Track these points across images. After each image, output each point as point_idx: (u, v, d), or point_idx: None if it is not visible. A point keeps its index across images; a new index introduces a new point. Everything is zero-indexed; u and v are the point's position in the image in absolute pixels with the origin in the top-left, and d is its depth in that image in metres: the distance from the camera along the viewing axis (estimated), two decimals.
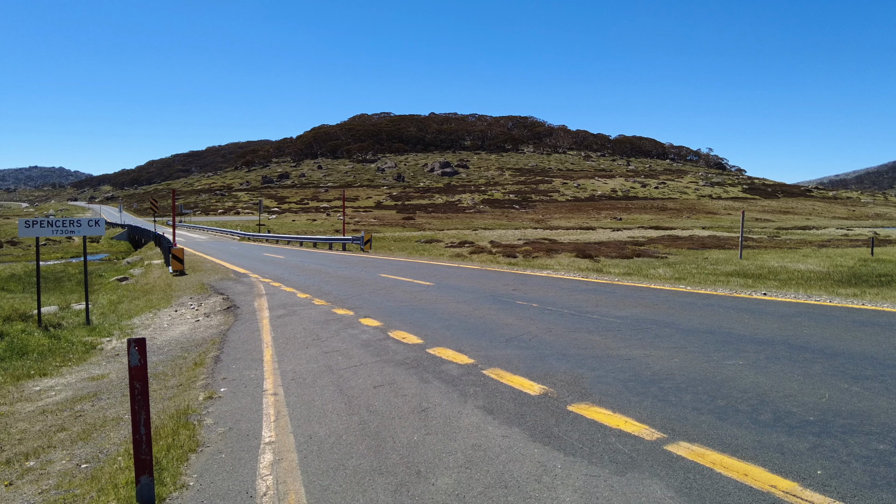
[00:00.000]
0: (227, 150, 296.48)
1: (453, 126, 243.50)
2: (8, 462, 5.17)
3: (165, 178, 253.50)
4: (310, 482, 4.17)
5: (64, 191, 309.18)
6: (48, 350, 10.49)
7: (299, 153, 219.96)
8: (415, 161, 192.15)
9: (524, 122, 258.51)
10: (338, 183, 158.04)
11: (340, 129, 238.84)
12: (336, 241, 35.55)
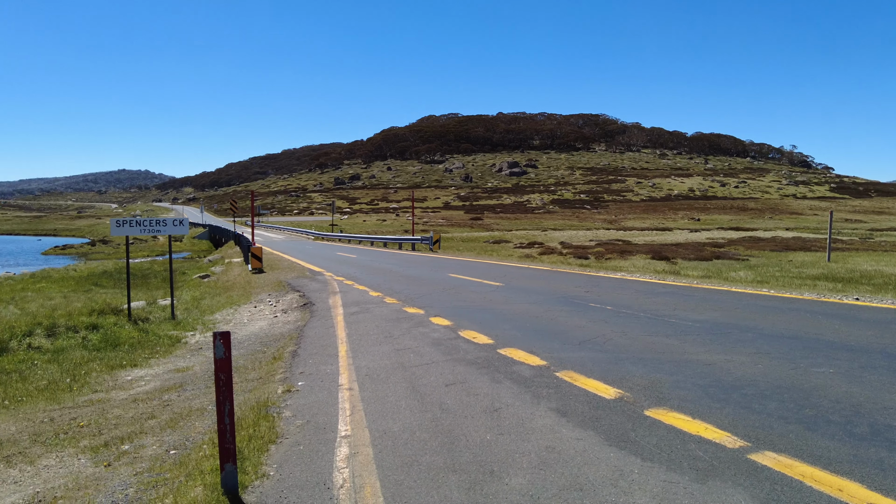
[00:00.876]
0: (301, 153, 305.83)
1: (521, 125, 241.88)
2: (106, 445, 5.52)
3: (243, 179, 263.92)
4: (385, 476, 4.25)
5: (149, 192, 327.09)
6: (138, 342, 11.12)
7: (369, 155, 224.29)
8: (482, 161, 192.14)
9: (595, 120, 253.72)
10: (406, 184, 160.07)
11: (409, 130, 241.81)
12: (405, 241, 36.02)
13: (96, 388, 8.02)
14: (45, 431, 6.11)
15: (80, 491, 4.54)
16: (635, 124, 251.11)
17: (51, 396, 7.72)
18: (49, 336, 11.63)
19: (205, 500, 4.04)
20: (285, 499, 4.02)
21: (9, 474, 5.02)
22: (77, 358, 9.94)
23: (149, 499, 4.26)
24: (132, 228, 13.82)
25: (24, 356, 10.21)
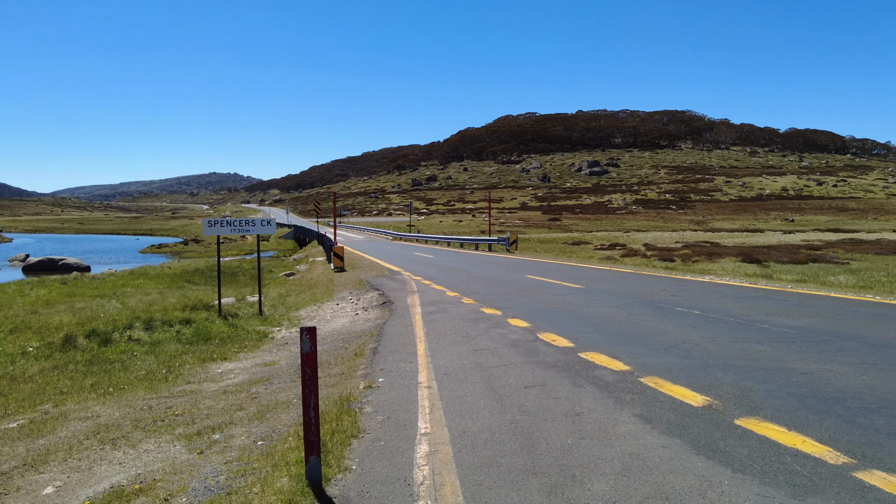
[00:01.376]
0: (380, 155, 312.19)
1: (602, 123, 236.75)
2: (199, 433, 5.82)
3: (326, 182, 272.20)
4: (464, 475, 4.24)
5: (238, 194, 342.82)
6: (227, 337, 11.66)
7: (446, 156, 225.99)
8: (561, 161, 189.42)
9: (681, 117, 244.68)
10: (482, 184, 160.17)
11: (485, 131, 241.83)
12: (481, 241, 36.02)
13: (189, 380, 8.46)
14: (145, 418, 6.50)
15: (176, 475, 4.79)
16: (724, 121, 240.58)
17: (149, 386, 8.21)
18: (147, 329, 12.38)
19: (290, 490, 4.18)
20: (367, 493, 4.09)
21: (114, 455, 5.37)
22: (172, 350, 10.53)
23: (238, 487, 4.45)
24: (223, 228, 14.50)
25: (125, 347, 10.93)
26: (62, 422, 6.58)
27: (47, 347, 11.17)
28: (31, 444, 5.85)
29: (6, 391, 8.34)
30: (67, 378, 8.92)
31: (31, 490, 4.73)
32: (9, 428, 6.50)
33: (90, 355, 10.41)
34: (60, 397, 7.83)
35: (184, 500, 4.31)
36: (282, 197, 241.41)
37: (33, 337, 12.31)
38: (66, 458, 5.39)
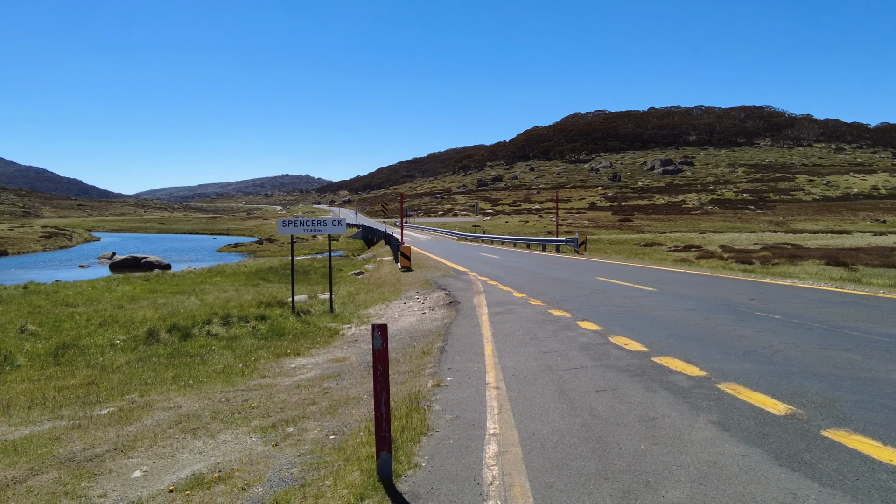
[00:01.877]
0: (445, 156, 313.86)
1: (675, 120, 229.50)
2: (273, 426, 6.00)
3: (392, 183, 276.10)
4: (534, 477, 4.20)
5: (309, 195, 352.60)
6: (300, 333, 11.99)
7: (512, 156, 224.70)
8: (632, 159, 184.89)
9: (759, 113, 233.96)
10: (549, 184, 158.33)
11: (552, 129, 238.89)
12: (549, 242, 35.61)
13: (264, 374, 8.75)
14: (223, 410, 6.76)
15: (252, 466, 4.96)
16: (806, 116, 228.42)
17: (226, 379, 8.55)
18: (224, 325, 12.89)
19: (361, 484, 4.25)
20: (436, 490, 4.11)
21: (195, 445, 5.62)
22: (248, 345, 10.93)
23: (311, 479, 4.56)
24: (296, 228, 14.94)
25: (203, 342, 11.42)
26: (147, 411, 6.94)
27: (132, 340, 11.81)
28: (120, 431, 6.19)
29: (97, 380, 8.87)
30: (151, 370, 9.40)
31: (122, 473, 5.01)
32: (100, 414, 6.91)
33: (171, 349, 10.94)
34: (145, 388, 8.26)
35: (259, 490, 4.45)
36: (350, 198, 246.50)
37: (120, 330, 13.04)
38: (152, 444, 5.68)
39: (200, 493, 4.46)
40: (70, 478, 4.96)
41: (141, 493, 4.56)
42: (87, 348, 11.34)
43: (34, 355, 10.95)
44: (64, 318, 15.22)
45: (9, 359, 10.66)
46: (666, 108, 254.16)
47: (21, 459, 5.48)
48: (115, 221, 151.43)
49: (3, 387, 8.87)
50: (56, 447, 5.79)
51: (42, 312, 16.65)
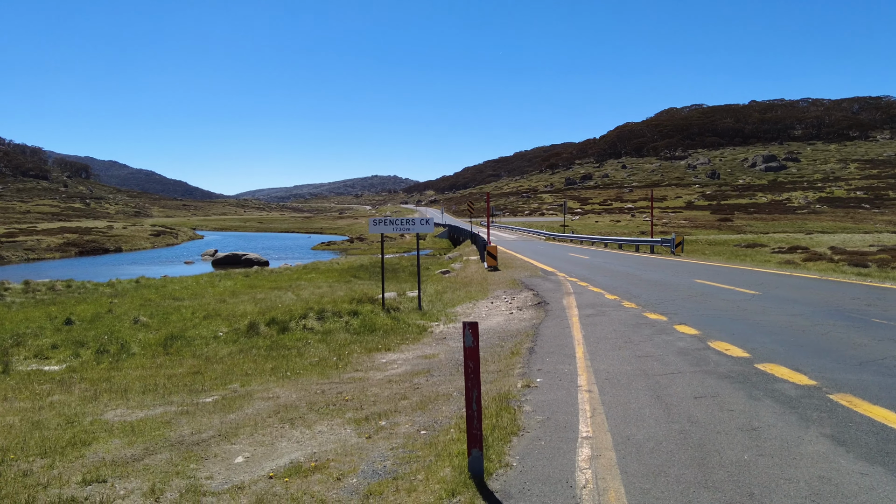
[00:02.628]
0: (532, 155, 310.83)
1: (779, 114, 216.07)
2: (366, 419, 6.15)
3: (478, 182, 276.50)
4: (629, 483, 4.07)
5: (397, 195, 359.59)
6: (390, 329, 12.23)
7: (602, 153, 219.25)
8: (732, 156, 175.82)
9: (876, 104, 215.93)
10: (643, 182, 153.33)
11: (646, 125, 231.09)
12: (642, 242, 34.50)
13: (357, 368, 8.98)
14: (318, 401, 7.00)
15: (346, 457, 5.10)
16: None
17: (321, 372, 8.84)
18: (319, 319, 13.36)
19: (453, 481, 4.27)
20: (528, 491, 4.06)
21: (292, 434, 5.85)
22: (341, 340, 11.26)
23: (403, 473, 4.63)
24: (386, 227, 15.27)
25: (300, 335, 11.88)
26: (248, 400, 7.29)
27: (234, 333, 12.46)
28: (224, 418, 6.54)
29: (202, 370, 9.42)
30: (251, 361, 9.88)
31: (226, 458, 5.28)
32: (206, 402, 7.33)
33: (270, 341, 11.45)
34: (246, 378, 8.68)
35: (354, 481, 4.57)
36: (436, 197, 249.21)
37: (222, 323, 13.80)
38: (253, 432, 5.96)
39: (298, 481, 4.63)
40: (180, 459, 5.28)
41: (243, 477, 4.79)
42: (192, 339, 12.07)
43: (146, 345, 11.78)
44: (171, 311, 16.30)
45: (125, 347, 11.53)
46: (769, 101, 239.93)
47: (137, 440, 5.90)
48: (217, 220, 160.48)
49: (120, 373, 9.59)
50: (167, 430, 6.19)
51: (152, 305, 17.93)
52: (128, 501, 4.44)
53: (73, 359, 10.95)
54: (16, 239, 63.66)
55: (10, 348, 11.72)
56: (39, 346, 12.02)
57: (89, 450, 5.66)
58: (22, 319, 15.62)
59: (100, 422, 6.64)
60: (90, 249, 64.72)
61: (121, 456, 5.44)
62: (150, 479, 4.84)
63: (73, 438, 5.99)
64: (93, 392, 8.18)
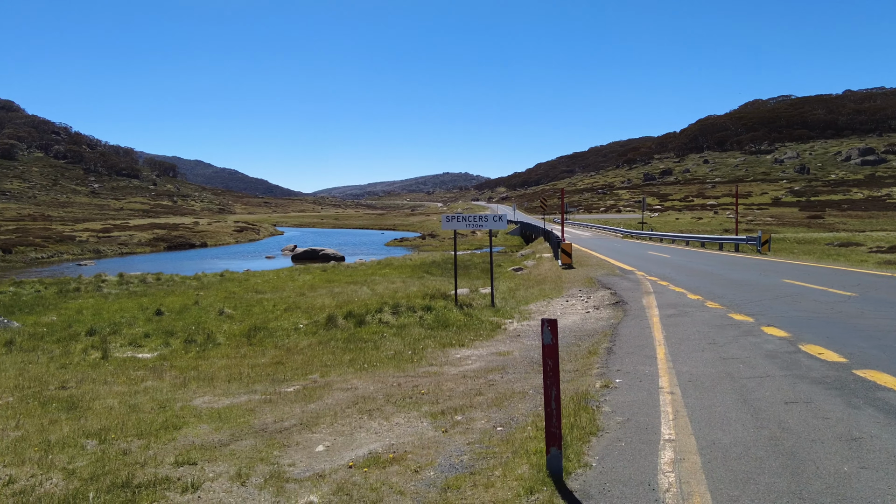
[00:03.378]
0: (608, 150, 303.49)
1: (878, 104, 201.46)
2: (442, 413, 6.18)
3: (551, 178, 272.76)
4: (716, 489, 3.90)
5: (468, 192, 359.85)
6: (463, 325, 12.24)
7: (682, 148, 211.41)
8: (823, 149, 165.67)
9: None
10: (726, 178, 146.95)
11: (729, 118, 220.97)
12: (726, 241, 33.05)
13: (431, 362, 9.05)
14: (395, 394, 7.09)
15: (424, 449, 5.14)
16: None
17: (397, 365, 8.96)
18: (394, 314, 13.56)
19: (530, 478, 4.22)
20: (608, 492, 3.97)
21: (371, 425, 5.95)
22: (415, 334, 11.38)
23: (480, 468, 4.62)
24: (458, 223, 15.29)
25: (376, 329, 12.10)
26: (327, 390, 7.48)
27: (313, 325, 12.83)
28: (305, 408, 6.74)
29: (284, 360, 9.74)
30: (330, 353, 10.14)
31: (307, 447, 5.44)
32: (287, 391, 7.58)
33: (348, 334, 11.72)
34: (325, 369, 8.91)
35: (431, 474, 4.59)
36: (508, 194, 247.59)
37: (302, 315, 14.23)
38: (333, 422, 6.11)
39: (377, 472, 4.70)
40: (263, 446, 5.48)
41: (324, 466, 4.92)
42: (274, 331, 12.52)
43: (231, 335, 12.30)
44: (254, 304, 16.96)
45: (211, 337, 12.09)
46: (865, 91, 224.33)
47: (224, 426, 6.16)
48: (296, 217, 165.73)
49: (206, 361, 10.06)
50: (251, 418, 6.44)
51: (236, 298, 18.72)
52: (216, 484, 4.63)
53: (164, 347, 11.58)
54: (111, 234, 68.00)
55: (108, 336, 12.52)
56: (133, 334, 12.79)
57: (180, 433, 5.96)
58: (117, 310, 16.68)
59: (189, 407, 6.98)
60: (177, 244, 68.32)
61: (209, 440, 5.69)
62: (236, 463, 5.04)
63: (166, 422, 6.32)
64: (182, 379, 8.62)
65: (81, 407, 7.13)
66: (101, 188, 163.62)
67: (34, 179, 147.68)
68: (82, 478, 4.81)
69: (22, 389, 8.14)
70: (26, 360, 10.41)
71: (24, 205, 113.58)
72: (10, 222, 76.39)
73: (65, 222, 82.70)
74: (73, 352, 11.18)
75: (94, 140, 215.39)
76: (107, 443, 5.71)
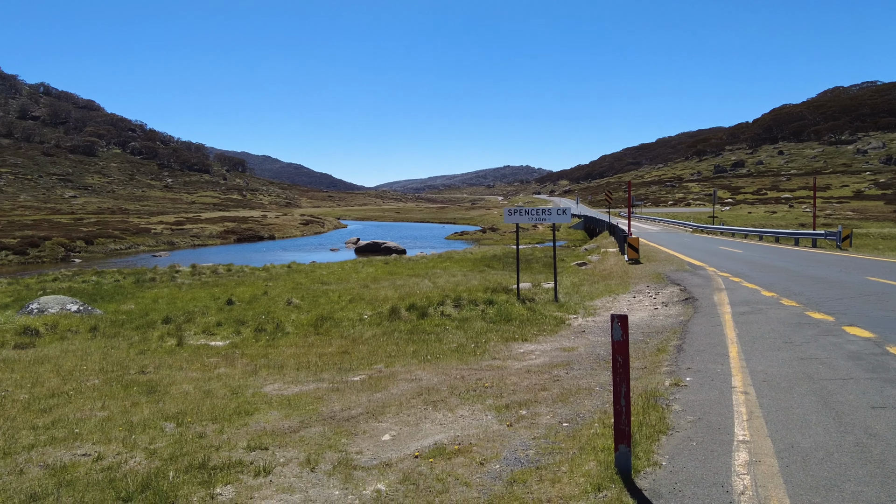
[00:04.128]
0: (676, 141, 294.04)
1: None
2: (507, 407, 6.15)
3: (616, 171, 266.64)
4: (795, 494, 3.74)
5: (529, 185, 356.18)
6: (526, 319, 12.15)
7: (755, 138, 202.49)
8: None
9: None
10: (802, 170, 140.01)
11: (807, 107, 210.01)
12: (803, 235, 31.49)
13: (494, 356, 9.03)
14: (459, 386, 7.12)
15: (488, 442, 5.14)
16: None
17: (460, 357, 8.98)
18: (455, 307, 13.59)
19: (598, 475, 4.15)
20: (679, 492, 3.86)
21: (435, 416, 5.99)
22: (477, 327, 11.37)
23: (547, 463, 4.58)
24: (521, 217, 15.15)
25: (438, 321, 12.16)
26: (392, 381, 7.58)
27: (377, 316, 13.02)
28: (371, 397, 6.85)
29: (349, 350, 9.93)
30: (393, 343, 10.26)
31: (374, 435, 5.53)
32: (353, 380, 7.72)
33: (410, 326, 11.84)
34: (389, 359, 9.03)
35: (497, 467, 4.59)
36: (571, 187, 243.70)
37: (366, 307, 14.47)
38: (398, 412, 6.19)
39: (442, 463, 4.73)
40: (332, 433, 5.60)
41: (391, 455, 4.99)
42: (340, 321, 12.78)
43: (298, 325, 12.63)
44: (320, 294, 17.37)
45: (280, 327, 12.46)
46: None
47: (293, 413, 6.34)
48: (359, 210, 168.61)
49: (276, 350, 10.37)
50: (319, 405, 6.59)
51: (302, 288, 19.22)
52: (287, 469, 4.77)
53: (235, 336, 12.01)
54: (183, 227, 71.02)
55: (183, 324, 13.09)
56: (206, 323, 13.32)
57: (252, 419, 6.17)
58: (190, 299, 17.41)
59: (260, 394, 7.22)
60: (247, 237, 70.68)
61: (279, 427, 5.87)
62: (305, 449, 5.18)
63: (238, 408, 6.56)
64: (253, 367, 8.92)
65: (160, 391, 7.49)
66: (174, 183, 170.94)
67: (113, 175, 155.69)
68: (162, 458, 5.05)
69: (106, 373, 8.61)
70: (109, 346, 11.01)
71: (104, 199, 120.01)
72: (91, 215, 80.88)
73: (141, 215, 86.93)
74: (151, 338, 11.74)
75: (168, 136, 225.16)
76: (184, 426, 5.97)
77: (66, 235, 52.49)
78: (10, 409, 6.59)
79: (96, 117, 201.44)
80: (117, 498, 4.28)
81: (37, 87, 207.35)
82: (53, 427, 5.95)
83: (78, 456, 5.16)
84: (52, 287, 21.83)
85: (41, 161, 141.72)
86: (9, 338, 11.47)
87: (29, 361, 9.33)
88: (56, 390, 7.46)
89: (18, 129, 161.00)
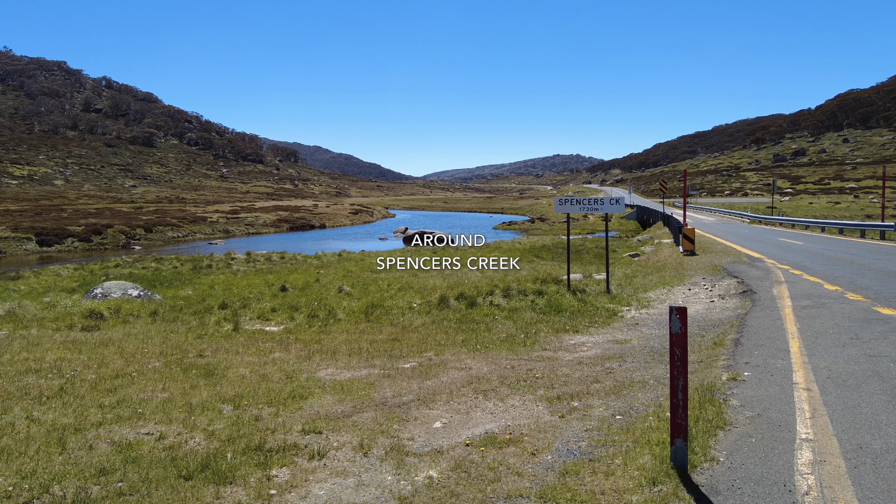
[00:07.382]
0: (734, 129, 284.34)
1: None
2: (558, 398, 6.11)
3: (671, 160, 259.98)
4: (865, 497, 3.59)
5: (580, 175, 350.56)
6: (577, 311, 12.01)
7: (818, 126, 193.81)
8: None
9: None
10: (870, 158, 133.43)
11: (876, 92, 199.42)
12: (869, 227, 30.06)
13: (545, 347, 8.96)
14: (509, 376, 7.10)
15: (540, 433, 5.11)
16: None
17: (509, 347, 8.96)
18: (505, 297, 13.53)
19: (653, 469, 4.08)
20: (738, 489, 3.76)
21: (486, 405, 6.00)
22: (527, 318, 11.31)
23: (600, 455, 4.52)
24: (573, 206, 14.94)
25: (487, 311, 12.14)
26: (443, 369, 7.62)
27: (426, 305, 13.09)
28: (422, 384, 6.91)
29: (400, 337, 10.03)
30: (443, 332, 10.30)
31: (425, 422, 5.57)
32: (404, 367, 7.80)
33: (460, 315, 11.86)
34: (439, 348, 9.08)
35: (549, 458, 4.56)
36: (623, 177, 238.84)
37: (416, 296, 14.56)
38: (449, 400, 6.22)
39: (493, 452, 4.73)
40: (384, 419, 5.68)
41: (442, 442, 5.02)
42: (390, 309, 12.91)
43: (350, 312, 12.82)
44: (370, 282, 17.58)
45: (332, 313, 12.67)
46: None
47: (347, 398, 6.45)
48: (407, 200, 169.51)
49: (328, 336, 10.56)
50: (371, 391, 6.69)
51: (353, 276, 19.49)
52: (340, 453, 4.86)
53: (289, 321, 12.28)
54: (238, 216, 72.96)
55: (239, 310, 13.45)
56: (261, 308, 13.65)
57: (306, 403, 6.31)
58: (246, 286, 17.88)
59: (314, 379, 7.37)
60: (299, 225, 72.10)
61: (333, 411, 5.98)
62: (358, 434, 5.26)
63: (293, 392, 6.71)
64: (307, 352, 9.11)
65: (217, 374, 7.73)
66: (229, 173, 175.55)
67: (170, 165, 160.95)
68: (221, 439, 5.22)
69: (166, 356, 8.94)
70: (168, 330, 11.42)
71: (162, 188, 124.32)
72: (150, 204, 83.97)
73: (197, 204, 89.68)
74: (208, 323, 12.12)
75: (223, 128, 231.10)
76: (241, 409, 6.15)
77: (126, 223, 54.68)
78: (80, 388, 6.92)
79: (154, 109, 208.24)
80: (179, 476, 4.44)
81: (99, 80, 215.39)
82: (119, 406, 6.22)
83: (142, 434, 5.38)
84: (115, 273, 22.79)
85: (103, 152, 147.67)
86: (76, 320, 12.02)
87: (95, 343, 9.76)
88: (120, 371, 7.79)
89: (83, 121, 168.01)
